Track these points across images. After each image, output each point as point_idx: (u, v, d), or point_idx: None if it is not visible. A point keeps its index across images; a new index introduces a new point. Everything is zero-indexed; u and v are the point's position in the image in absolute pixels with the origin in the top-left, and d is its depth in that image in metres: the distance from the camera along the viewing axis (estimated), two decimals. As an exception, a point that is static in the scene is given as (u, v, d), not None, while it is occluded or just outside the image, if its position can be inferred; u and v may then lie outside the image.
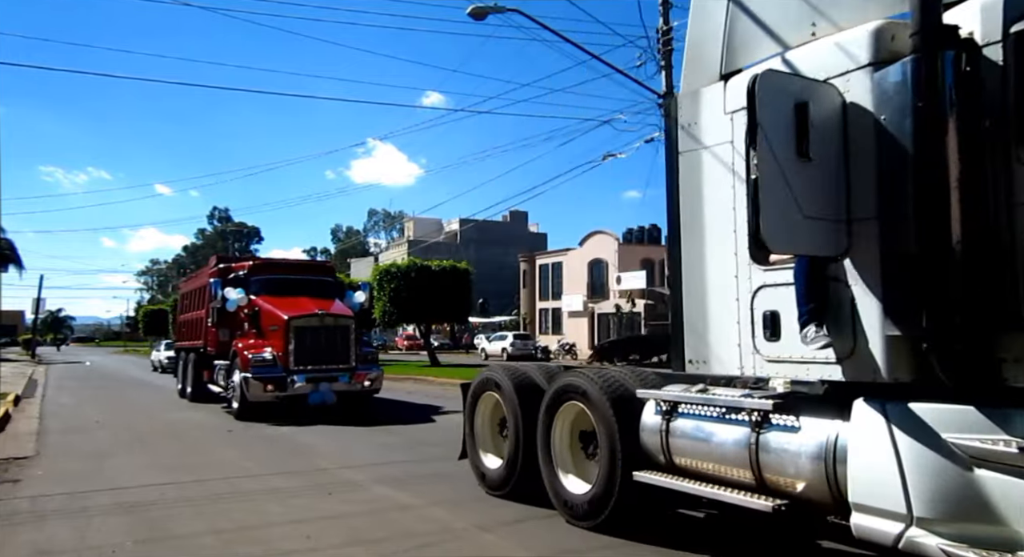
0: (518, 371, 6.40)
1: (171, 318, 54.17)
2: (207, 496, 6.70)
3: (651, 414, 4.97)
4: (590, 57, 16.41)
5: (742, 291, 4.48)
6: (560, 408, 5.64)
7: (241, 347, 12.90)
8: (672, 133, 5.09)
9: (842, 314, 3.82)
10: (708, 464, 4.54)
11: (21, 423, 12.50)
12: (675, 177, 5.02)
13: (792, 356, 4.13)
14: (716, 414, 4.53)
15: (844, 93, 3.80)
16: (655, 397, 4.96)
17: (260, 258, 16.88)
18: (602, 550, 4.98)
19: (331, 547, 5.08)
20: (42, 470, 8.15)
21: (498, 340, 41.74)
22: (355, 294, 15.38)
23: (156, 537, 5.43)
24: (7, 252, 41.62)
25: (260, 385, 12.33)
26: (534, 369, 6.45)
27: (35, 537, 5.42)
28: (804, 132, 3.65)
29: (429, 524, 5.65)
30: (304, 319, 12.88)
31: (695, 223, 4.86)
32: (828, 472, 3.78)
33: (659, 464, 4.89)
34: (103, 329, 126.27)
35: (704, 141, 4.79)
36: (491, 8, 15.10)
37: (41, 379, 25.28)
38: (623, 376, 5.38)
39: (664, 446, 4.80)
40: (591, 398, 5.26)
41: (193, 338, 16.83)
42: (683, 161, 4.97)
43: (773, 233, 3.54)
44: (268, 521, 5.81)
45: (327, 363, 12.82)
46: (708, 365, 4.78)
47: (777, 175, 3.57)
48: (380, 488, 7.01)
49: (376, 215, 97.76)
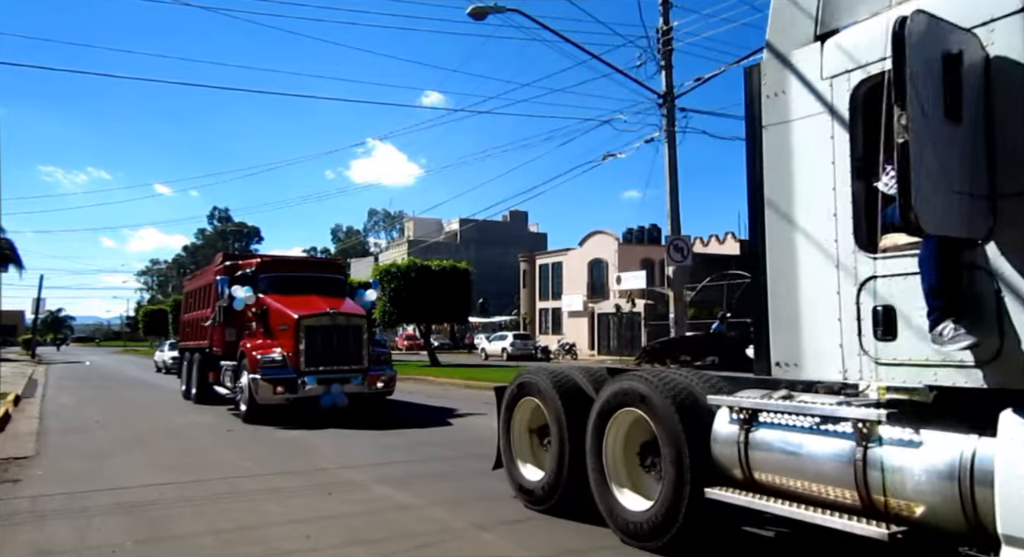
0: (561, 374, 5.84)
1: (170, 318, 54.34)
2: (207, 496, 6.68)
3: (725, 423, 4.41)
4: (590, 57, 16.41)
5: (845, 283, 3.90)
6: (614, 416, 5.07)
7: (249, 347, 12.48)
8: (753, 106, 4.51)
9: (983, 309, 3.26)
10: (799, 481, 3.92)
11: (21, 423, 12.57)
12: (757, 155, 4.46)
13: (912, 359, 3.55)
14: (809, 425, 3.90)
15: (987, 46, 3.24)
16: (732, 405, 4.35)
17: (268, 255, 15.96)
18: (603, 550, 4.94)
19: (331, 547, 5.05)
20: (42, 470, 8.11)
21: (498, 340, 41.70)
22: (366, 292, 14.98)
23: (156, 537, 5.40)
24: (7, 252, 41.60)
25: (270, 387, 11.89)
26: (577, 372, 5.87)
27: (35, 537, 5.40)
28: (955, 88, 3.10)
29: (429, 524, 5.62)
30: (315, 318, 12.42)
31: (784, 207, 4.26)
32: (963, 495, 3.19)
33: (734, 480, 4.33)
34: (103, 329, 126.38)
35: (795, 112, 4.23)
36: (491, 8, 15.07)
37: (41, 379, 25.29)
38: (687, 380, 4.78)
39: (742, 460, 4.23)
40: (653, 405, 4.69)
41: (198, 338, 16.36)
42: (768, 136, 4.40)
43: (927, 210, 2.95)
44: (268, 521, 5.79)
45: (339, 364, 12.36)
46: (801, 368, 4.19)
47: (928, 139, 3.01)
48: (380, 488, 6.99)
49: (376, 215, 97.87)
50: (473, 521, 5.67)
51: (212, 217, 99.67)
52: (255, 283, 13.54)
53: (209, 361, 15.16)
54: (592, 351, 44.70)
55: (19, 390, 18.19)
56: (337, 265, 16.99)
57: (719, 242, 47.09)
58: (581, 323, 46.58)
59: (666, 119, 16.16)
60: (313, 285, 13.95)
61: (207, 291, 15.83)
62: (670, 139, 16.12)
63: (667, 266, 18.67)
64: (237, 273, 14.04)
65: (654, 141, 16.80)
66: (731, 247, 45.79)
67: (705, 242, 47.24)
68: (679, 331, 16.09)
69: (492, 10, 15.05)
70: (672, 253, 15.81)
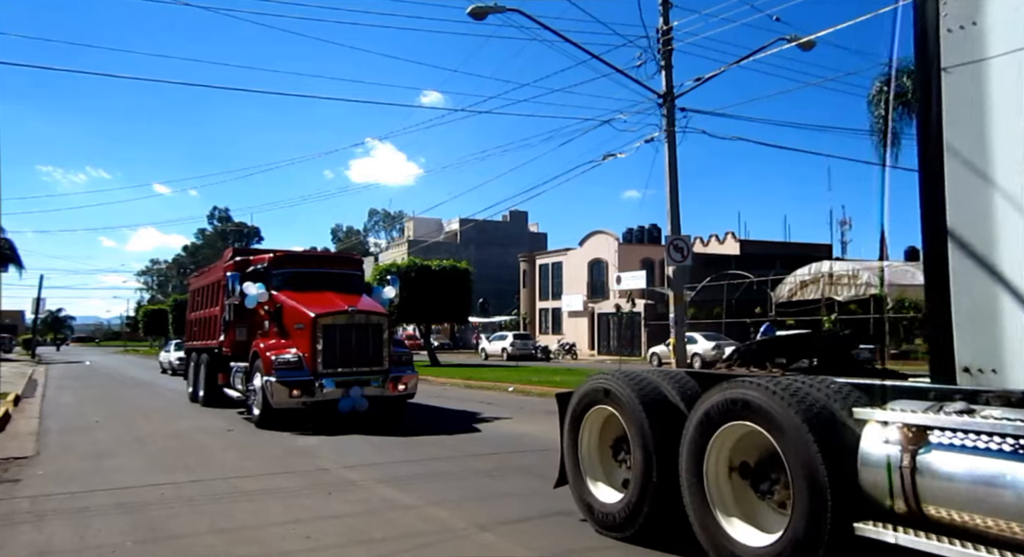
0: (643, 379, 5.07)
1: (171, 318, 54.39)
2: (207, 496, 6.65)
3: (877, 443, 3.55)
4: (590, 57, 16.36)
5: None
6: (719, 430, 4.25)
7: (263, 347, 11.73)
8: (927, 44, 3.71)
9: None
10: (995, 520, 3.05)
11: (21, 423, 12.52)
12: (933, 105, 3.66)
13: None
14: (1011, 447, 3.03)
15: None
16: (891, 421, 3.50)
17: (280, 250, 14.90)
18: (603, 550, 4.92)
19: (331, 547, 5.03)
20: (42, 470, 8.12)
21: (498, 340, 41.72)
22: (384, 289, 14.09)
23: (156, 537, 5.37)
24: (7, 252, 41.63)
25: (285, 390, 11.16)
26: (658, 376, 5.15)
27: (35, 537, 5.38)
28: None
29: (429, 524, 5.59)
30: (333, 316, 11.61)
31: (976, 170, 3.50)
32: None
33: (892, 513, 3.48)
34: (103, 329, 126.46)
35: (993, 47, 3.42)
36: (491, 8, 15.06)
37: (41, 379, 25.28)
38: (814, 389, 3.92)
39: (907, 489, 3.37)
40: (773, 418, 3.86)
41: (206, 338, 15.63)
42: (950, 82, 3.57)
43: None
44: (268, 521, 5.76)
45: (358, 365, 11.60)
46: (1003, 376, 3.43)
47: None
48: (380, 488, 6.96)
49: (376, 215, 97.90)
50: (473, 521, 5.64)
51: (212, 217, 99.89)
52: (268, 279, 12.77)
53: (218, 362, 14.45)
54: (592, 351, 44.73)
55: (19, 390, 18.22)
56: (355, 260, 15.96)
57: (719, 242, 47.14)
58: (581, 323, 46.62)
59: (666, 119, 16.16)
60: (329, 281, 13.17)
61: (215, 288, 15.13)
62: (670, 139, 16.12)
63: (667, 266, 18.67)
64: (248, 269, 13.30)
65: (654, 141, 16.79)
66: (731, 247, 45.86)
67: (705, 242, 47.28)
68: (679, 331, 16.09)
69: (492, 10, 15.04)
70: (672, 253, 15.82)
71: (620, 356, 34.52)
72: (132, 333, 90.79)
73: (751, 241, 46.94)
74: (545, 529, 5.45)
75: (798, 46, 15.43)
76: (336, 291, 12.72)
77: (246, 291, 12.50)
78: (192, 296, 18.54)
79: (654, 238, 49.91)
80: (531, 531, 5.40)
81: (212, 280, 15.78)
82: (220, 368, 14.31)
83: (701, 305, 36.20)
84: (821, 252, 43.39)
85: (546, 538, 5.21)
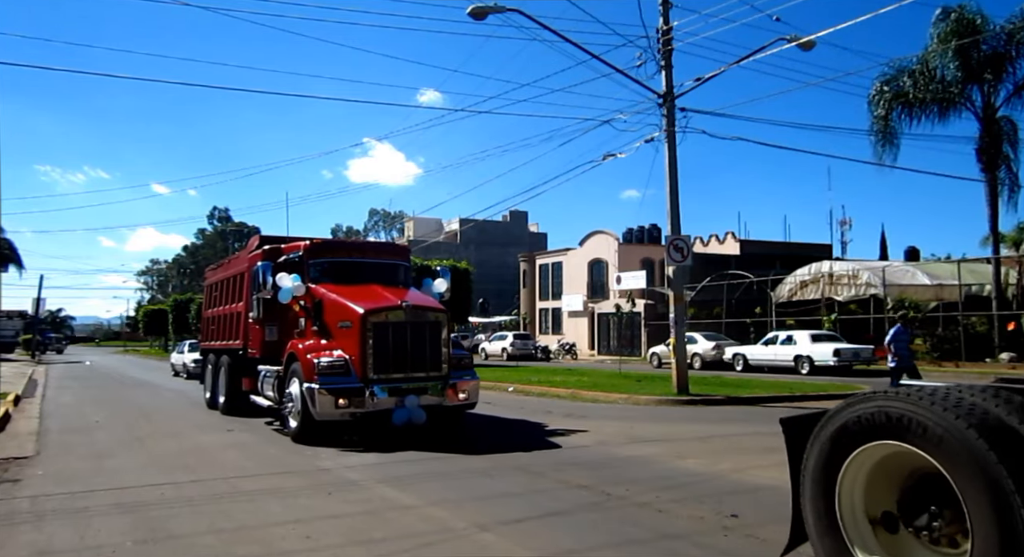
0: (959, 398, 3.15)
1: (171, 318, 54.33)
2: (207, 496, 6.65)
3: None
4: (590, 57, 16.32)
5: None
6: None
7: (302, 349, 10.11)
8: None
9: None
10: None
11: (21, 423, 12.52)
12: None
13: None
14: None
15: None
16: None
17: (316, 238, 12.97)
18: (602, 550, 4.91)
19: (331, 547, 5.02)
20: (42, 470, 8.11)
21: (498, 340, 41.75)
22: (435, 282, 12.22)
23: (156, 537, 5.36)
24: (7, 252, 41.68)
25: (331, 399, 9.49)
26: (974, 393, 3.20)
27: (35, 537, 5.37)
28: None
29: (429, 524, 5.58)
30: (385, 313, 9.96)
31: None
32: None
33: None
34: (103, 329, 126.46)
35: None
36: (491, 8, 15.04)
37: (41, 379, 25.28)
38: None
39: None
40: None
41: (227, 337, 13.84)
42: None
43: None
44: (268, 521, 5.75)
45: (414, 371, 10.00)
46: None
47: None
48: (380, 488, 6.95)
49: (376, 215, 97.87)
50: (473, 521, 5.62)
51: (212, 217, 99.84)
52: (303, 270, 11.11)
53: (242, 365, 12.70)
54: (592, 351, 44.73)
55: (19, 390, 18.22)
56: (402, 248, 13.73)
57: (719, 242, 47.13)
58: (581, 323, 46.61)
59: (666, 119, 16.16)
60: (374, 272, 11.52)
61: (238, 282, 13.48)
62: (670, 139, 16.12)
63: (667, 266, 18.67)
64: (280, 259, 11.62)
65: (654, 141, 16.79)
66: (731, 247, 45.85)
67: (705, 242, 47.28)
68: (679, 331, 16.09)
69: (492, 10, 15.03)
70: (672, 253, 15.82)
71: (620, 356, 34.51)
72: (132, 333, 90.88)
73: (751, 241, 46.95)
74: (544, 529, 5.44)
75: (798, 46, 15.43)
76: (382, 284, 11.18)
77: (280, 284, 10.94)
78: (209, 291, 16.61)
79: (654, 238, 49.88)
80: (531, 531, 5.39)
81: (234, 272, 14.00)
82: (245, 372, 12.66)
83: (701, 305, 36.21)
84: (821, 252, 43.43)
85: (545, 538, 5.20)
